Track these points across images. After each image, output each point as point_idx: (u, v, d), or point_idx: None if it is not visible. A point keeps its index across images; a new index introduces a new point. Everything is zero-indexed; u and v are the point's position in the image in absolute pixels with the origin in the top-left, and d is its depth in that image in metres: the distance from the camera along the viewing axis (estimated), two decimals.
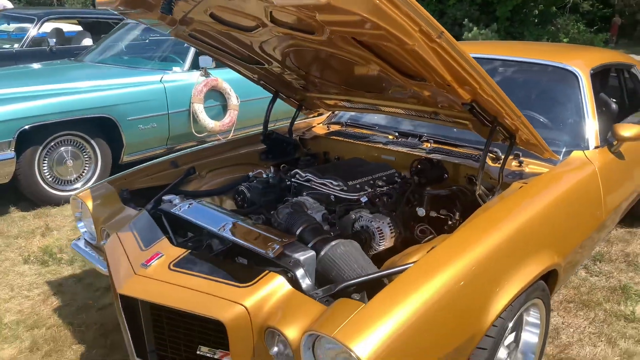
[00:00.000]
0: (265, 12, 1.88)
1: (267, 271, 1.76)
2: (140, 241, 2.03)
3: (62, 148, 4.40)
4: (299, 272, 1.80)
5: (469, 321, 1.68)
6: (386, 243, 2.19)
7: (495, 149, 2.65)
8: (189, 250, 1.91)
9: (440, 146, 2.86)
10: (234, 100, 5.44)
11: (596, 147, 2.70)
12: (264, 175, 2.82)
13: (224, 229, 2.05)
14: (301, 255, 1.86)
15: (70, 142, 4.44)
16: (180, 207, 2.28)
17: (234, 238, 2.00)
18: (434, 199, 2.36)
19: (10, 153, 3.95)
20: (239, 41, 2.41)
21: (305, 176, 2.54)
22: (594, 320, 2.93)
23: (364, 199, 2.38)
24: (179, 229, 2.25)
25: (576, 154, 2.60)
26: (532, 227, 2.02)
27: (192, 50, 5.29)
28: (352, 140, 3.10)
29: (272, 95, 3.16)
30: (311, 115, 3.54)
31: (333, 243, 1.93)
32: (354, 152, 3.08)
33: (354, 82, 2.52)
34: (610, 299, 3.13)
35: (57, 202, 4.39)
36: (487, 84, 1.85)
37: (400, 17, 1.48)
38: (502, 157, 2.64)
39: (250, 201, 2.63)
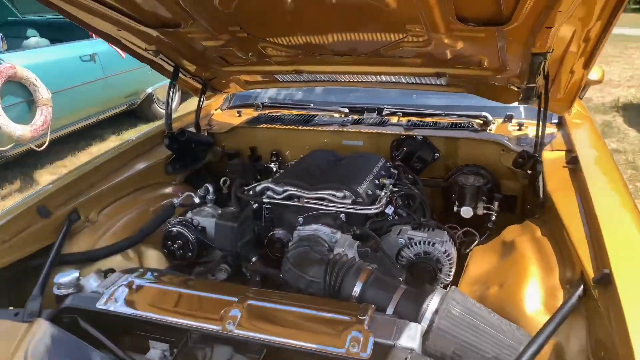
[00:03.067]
0: None
1: None
2: None
3: None
4: None
5: None
6: (454, 269, 1.51)
7: (484, 113, 2.16)
8: None
9: (413, 118, 2.25)
10: (43, 93, 3.94)
11: None
12: (196, 200, 1.84)
13: (233, 323, 1.12)
14: (410, 341, 1.08)
15: None
16: (115, 296, 1.24)
17: (267, 337, 1.10)
18: (475, 193, 1.75)
19: None
20: None
21: (284, 191, 1.67)
22: None
23: (389, 210, 1.64)
24: (117, 336, 1.23)
25: None
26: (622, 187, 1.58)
27: None
28: (293, 127, 2.27)
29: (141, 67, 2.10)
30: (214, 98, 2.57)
31: (436, 304, 1.18)
32: (298, 141, 2.27)
33: (330, 43, 1.70)
34: None
35: None
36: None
37: None
38: (502, 121, 2.18)
39: (198, 247, 1.66)
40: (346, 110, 2.34)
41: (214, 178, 2.18)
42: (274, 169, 2.22)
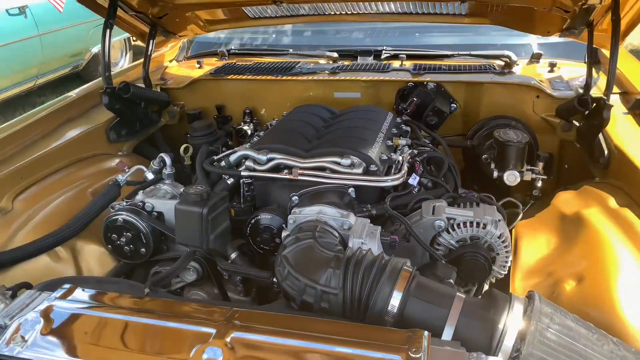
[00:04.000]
0: None
1: None
2: None
3: None
4: None
5: None
6: (511, 259, 1.12)
7: (507, 52, 1.76)
8: None
9: (420, 61, 1.82)
10: None
11: None
12: (148, 175, 1.38)
13: None
14: None
15: None
16: (22, 332, 0.80)
17: None
18: (521, 152, 1.35)
19: None
20: None
21: (269, 160, 1.23)
22: None
23: (413, 180, 1.22)
24: None
25: None
26: None
27: None
28: (269, 77, 1.81)
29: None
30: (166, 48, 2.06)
31: (519, 323, 0.78)
32: (277, 96, 1.83)
33: None
34: None
35: None
36: None
37: None
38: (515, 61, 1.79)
39: (154, 240, 1.21)
40: (335, 54, 1.89)
41: (172, 146, 1.72)
42: (249, 132, 1.77)
